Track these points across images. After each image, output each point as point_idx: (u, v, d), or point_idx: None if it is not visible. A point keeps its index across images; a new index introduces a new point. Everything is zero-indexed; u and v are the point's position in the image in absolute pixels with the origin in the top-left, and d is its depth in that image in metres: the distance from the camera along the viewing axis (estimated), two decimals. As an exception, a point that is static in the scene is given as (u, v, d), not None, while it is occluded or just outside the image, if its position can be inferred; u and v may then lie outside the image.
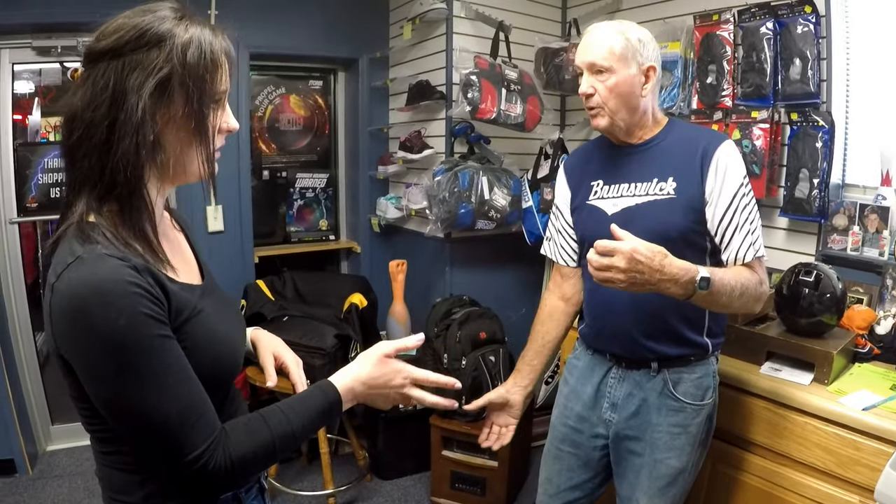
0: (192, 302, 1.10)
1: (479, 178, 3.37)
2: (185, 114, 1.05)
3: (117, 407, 1.00)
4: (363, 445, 3.67)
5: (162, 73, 1.02)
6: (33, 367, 3.73)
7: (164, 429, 1.00)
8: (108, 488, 1.15)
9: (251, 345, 1.51)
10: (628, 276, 1.49)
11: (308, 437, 1.32)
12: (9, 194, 3.55)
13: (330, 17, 4.04)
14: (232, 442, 1.06)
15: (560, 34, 3.86)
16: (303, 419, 1.15)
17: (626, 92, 1.79)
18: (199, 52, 1.05)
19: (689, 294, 1.57)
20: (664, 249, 1.52)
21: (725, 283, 1.62)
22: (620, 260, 1.47)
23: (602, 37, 1.79)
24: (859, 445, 1.88)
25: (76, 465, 3.65)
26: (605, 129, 1.87)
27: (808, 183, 2.55)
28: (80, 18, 2.66)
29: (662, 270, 1.50)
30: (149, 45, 1.03)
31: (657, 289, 1.54)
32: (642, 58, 1.80)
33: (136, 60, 1.02)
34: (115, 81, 1.01)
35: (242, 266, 3.96)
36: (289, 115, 4.37)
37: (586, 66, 1.82)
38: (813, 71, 2.52)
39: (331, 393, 1.21)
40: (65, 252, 1.00)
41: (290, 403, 1.17)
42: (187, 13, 1.09)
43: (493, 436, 2.10)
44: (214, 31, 1.10)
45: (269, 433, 1.10)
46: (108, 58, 1.02)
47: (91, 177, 1.03)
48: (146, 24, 1.03)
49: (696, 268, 1.56)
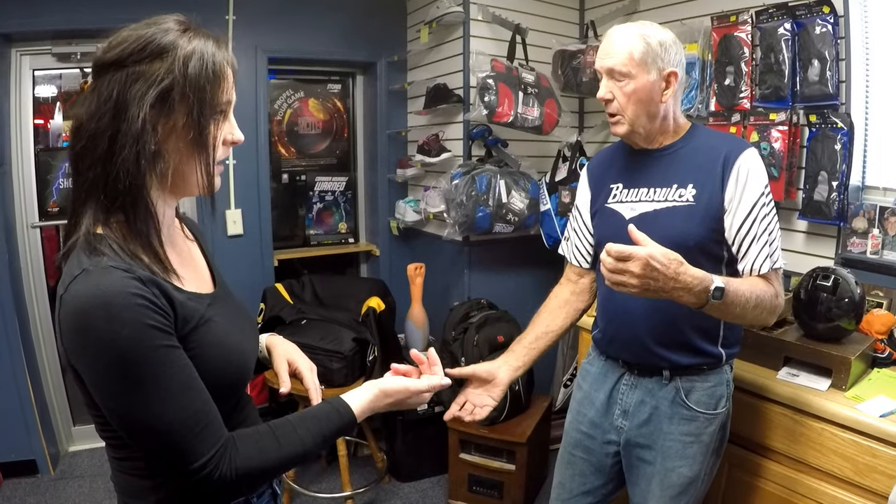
0: (199, 311, 1.12)
1: (497, 182, 3.37)
2: (185, 124, 1.07)
3: (123, 416, 1.02)
4: (381, 448, 3.69)
5: (163, 84, 1.04)
6: (55, 369, 3.77)
7: (169, 437, 1.01)
8: (121, 493, 1.18)
9: (266, 351, 1.53)
10: (642, 283, 1.46)
11: (318, 453, 1.34)
12: (30, 198, 3.61)
13: (348, 21, 4.07)
14: (239, 454, 1.08)
15: (577, 36, 3.85)
16: (315, 438, 1.17)
17: (645, 98, 1.76)
18: (200, 63, 1.06)
19: (702, 303, 1.54)
20: (680, 257, 1.49)
21: (740, 294, 1.59)
22: (635, 265, 1.44)
23: (622, 41, 1.76)
24: (876, 452, 1.85)
25: (97, 465, 3.69)
26: (625, 135, 1.85)
27: (826, 185, 2.52)
28: (98, 25, 2.70)
29: (677, 279, 1.47)
30: (151, 57, 1.04)
31: (670, 296, 1.51)
32: (663, 63, 1.75)
33: (138, 72, 1.04)
34: (118, 92, 1.03)
35: (262, 269, 3.99)
36: (308, 118, 4.39)
37: (605, 72, 1.79)
38: (832, 72, 2.49)
39: (346, 414, 1.23)
40: (73, 264, 1.02)
41: (304, 420, 1.18)
42: (192, 26, 1.10)
43: (465, 410, 1.94)
44: (219, 44, 1.11)
45: (278, 450, 1.12)
46: (113, 69, 1.04)
47: (96, 186, 1.05)
48: (149, 35, 1.05)
49: (711, 277, 1.53)
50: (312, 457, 1.24)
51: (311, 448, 1.17)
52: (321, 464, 3.76)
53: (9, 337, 3.41)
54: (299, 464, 1.19)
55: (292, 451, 1.14)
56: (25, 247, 3.62)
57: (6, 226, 3.42)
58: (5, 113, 3.43)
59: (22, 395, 3.46)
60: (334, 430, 1.21)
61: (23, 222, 3.60)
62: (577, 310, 2.13)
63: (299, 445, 1.14)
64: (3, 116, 3.41)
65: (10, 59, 3.46)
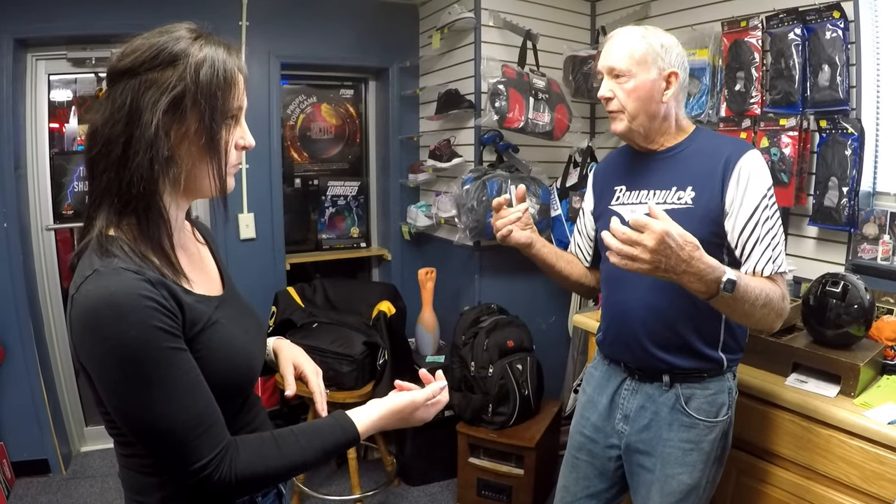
0: (207, 313, 1.14)
1: (508, 187, 3.37)
2: (197, 130, 1.09)
3: (127, 414, 1.03)
4: (391, 451, 3.70)
5: (175, 90, 1.06)
6: (68, 370, 3.81)
7: (171, 437, 1.03)
8: (128, 489, 1.20)
9: (273, 354, 1.54)
10: (653, 258, 1.43)
11: (318, 465, 1.35)
12: (45, 201, 3.65)
13: (360, 27, 4.09)
14: (241, 459, 1.09)
15: (588, 42, 3.85)
16: (316, 451, 1.18)
17: (645, 97, 1.77)
18: (211, 70, 1.08)
19: (712, 294, 1.52)
20: (697, 242, 1.46)
21: (750, 290, 1.57)
22: (650, 238, 1.41)
23: (623, 41, 1.78)
24: (884, 460, 1.84)
25: (108, 466, 3.73)
26: (623, 133, 1.85)
27: (837, 191, 2.51)
28: (113, 31, 2.71)
29: (689, 262, 1.45)
30: (163, 65, 1.07)
31: (679, 280, 1.49)
32: (664, 62, 1.77)
33: (151, 79, 1.06)
34: (131, 99, 1.05)
35: (274, 273, 4.01)
36: (320, 123, 4.42)
37: (606, 71, 1.81)
38: (842, 77, 2.48)
39: (349, 430, 1.24)
40: (85, 265, 1.04)
41: (307, 432, 1.20)
42: (203, 33, 1.13)
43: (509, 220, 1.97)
44: (230, 51, 1.13)
45: (278, 459, 1.14)
46: (127, 77, 1.07)
47: (110, 190, 1.07)
48: (161, 44, 1.07)
49: (723, 268, 1.51)
50: (313, 467, 1.24)
51: (311, 460, 1.18)
52: (331, 466, 3.77)
53: (23, 338, 3.45)
54: (299, 474, 1.21)
55: (292, 461, 1.15)
56: (40, 249, 3.66)
57: (21, 228, 3.46)
58: (21, 117, 3.48)
59: (35, 395, 3.50)
60: (336, 445, 1.22)
61: (38, 225, 3.64)
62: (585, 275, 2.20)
63: (299, 456, 1.16)
64: (19, 120, 3.45)
65: (27, 63, 3.51)
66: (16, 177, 3.39)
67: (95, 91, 3.69)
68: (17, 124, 3.41)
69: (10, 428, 3.50)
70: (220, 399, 1.11)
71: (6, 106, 3.29)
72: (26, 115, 3.53)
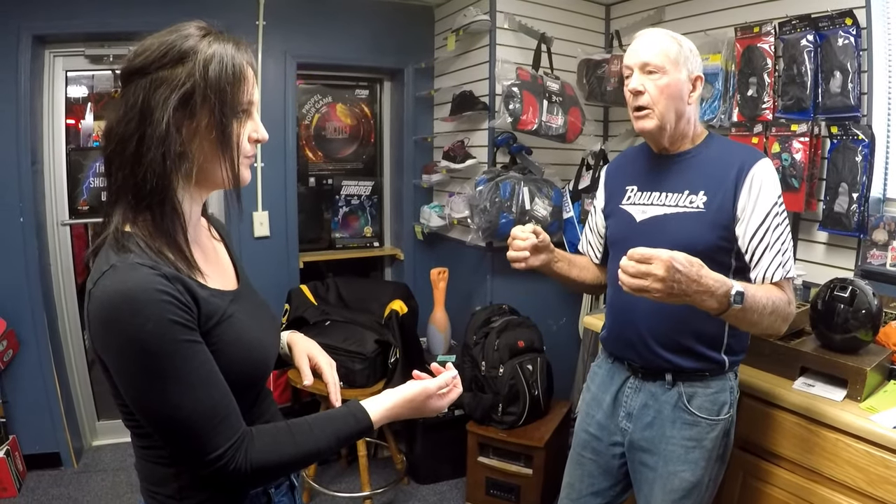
0: (222, 307, 1.16)
1: (521, 189, 3.39)
2: (208, 125, 1.11)
3: (144, 406, 1.06)
4: (401, 450, 3.73)
5: (185, 87, 1.08)
6: (81, 365, 3.86)
7: (187, 428, 1.05)
8: (144, 480, 1.22)
9: (287, 347, 1.57)
10: (666, 286, 1.45)
11: (332, 453, 1.36)
12: (61, 197, 3.70)
13: (376, 28, 4.11)
14: (256, 448, 1.11)
15: (602, 45, 3.87)
16: (329, 438, 1.20)
17: (676, 95, 1.79)
18: (220, 66, 1.11)
19: (724, 308, 1.54)
20: (699, 260, 1.49)
21: (758, 299, 1.60)
22: (659, 267, 1.44)
23: (656, 39, 1.81)
24: (889, 464, 1.85)
25: (120, 460, 3.76)
26: (652, 131, 1.85)
27: (847, 197, 2.52)
28: (130, 28, 2.76)
29: (700, 281, 1.48)
30: (173, 62, 1.09)
31: (693, 301, 1.51)
32: (692, 66, 1.81)
33: (161, 77, 1.08)
34: (143, 98, 1.08)
35: (287, 271, 4.03)
36: (335, 123, 4.44)
37: (638, 66, 1.81)
38: (853, 84, 2.49)
39: (362, 419, 1.25)
40: (102, 261, 1.07)
41: (321, 422, 1.22)
42: (212, 31, 1.15)
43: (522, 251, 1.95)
44: (239, 46, 1.15)
45: (293, 447, 1.16)
46: (138, 76, 1.09)
47: (125, 187, 1.10)
48: (171, 42, 1.10)
49: (730, 281, 1.54)
50: (327, 456, 1.26)
51: (325, 448, 1.20)
52: (341, 464, 3.80)
53: (37, 332, 3.49)
54: (313, 462, 1.22)
55: (307, 450, 1.17)
56: (56, 244, 3.71)
57: (37, 223, 3.50)
58: (38, 113, 3.52)
59: (48, 388, 3.54)
60: (350, 433, 1.24)
61: (53, 220, 3.69)
62: (595, 272, 2.23)
63: (314, 444, 1.18)
64: (37, 116, 3.50)
65: (44, 60, 3.55)
66: (32, 172, 3.43)
67: (112, 91, 3.73)
68: (34, 120, 3.45)
69: (22, 421, 3.53)
70: (235, 392, 1.13)
71: (24, 102, 3.34)
72: (43, 110, 3.57)
